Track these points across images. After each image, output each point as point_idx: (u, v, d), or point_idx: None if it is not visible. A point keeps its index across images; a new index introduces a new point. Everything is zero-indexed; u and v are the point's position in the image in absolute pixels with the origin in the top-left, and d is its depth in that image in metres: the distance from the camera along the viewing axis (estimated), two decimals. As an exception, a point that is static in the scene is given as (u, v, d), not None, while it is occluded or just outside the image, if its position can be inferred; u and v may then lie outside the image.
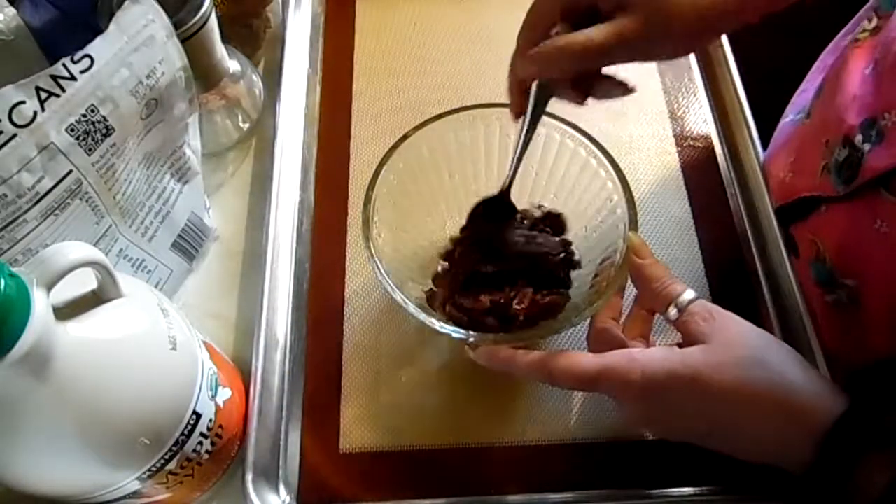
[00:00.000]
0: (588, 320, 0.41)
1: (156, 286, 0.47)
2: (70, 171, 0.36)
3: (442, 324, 0.40)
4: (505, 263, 0.46)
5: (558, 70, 0.38)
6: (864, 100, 0.40)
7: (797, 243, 0.47)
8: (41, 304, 0.28)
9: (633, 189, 0.43)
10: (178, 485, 0.37)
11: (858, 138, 0.40)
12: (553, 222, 0.47)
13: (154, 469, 0.34)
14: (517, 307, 0.43)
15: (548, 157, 0.47)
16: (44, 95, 0.34)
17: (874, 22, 0.43)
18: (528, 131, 0.42)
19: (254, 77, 0.56)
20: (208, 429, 0.37)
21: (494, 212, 0.46)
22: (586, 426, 0.44)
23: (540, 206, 0.48)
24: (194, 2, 0.45)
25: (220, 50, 0.50)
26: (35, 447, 0.31)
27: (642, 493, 0.42)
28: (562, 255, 0.45)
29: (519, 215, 0.47)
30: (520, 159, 0.44)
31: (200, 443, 0.37)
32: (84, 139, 0.36)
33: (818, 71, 0.54)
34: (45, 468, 0.31)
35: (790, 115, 0.53)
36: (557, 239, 0.46)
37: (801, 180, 0.46)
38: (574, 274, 0.46)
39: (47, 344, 0.28)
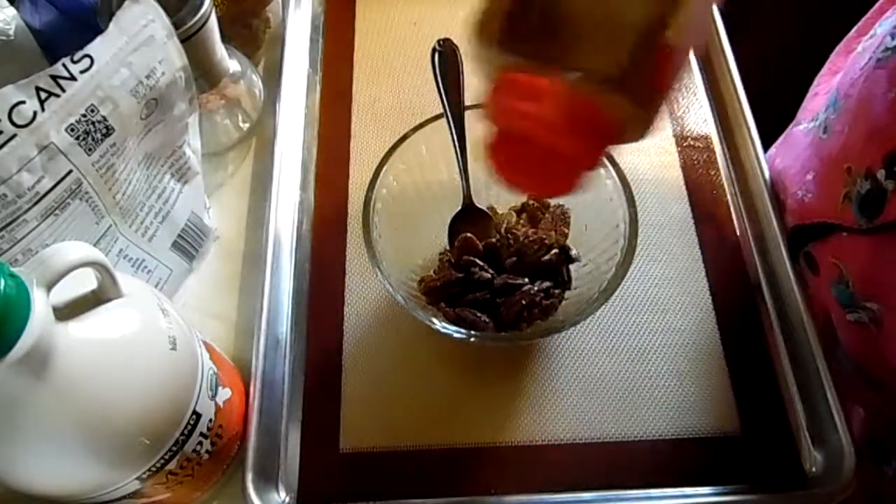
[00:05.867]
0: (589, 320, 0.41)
1: (156, 286, 0.47)
2: (70, 171, 0.36)
3: (442, 324, 0.40)
4: (500, 267, 0.46)
5: None
6: (888, 131, 0.39)
7: (817, 263, 0.47)
8: (41, 304, 0.28)
9: (633, 189, 0.43)
10: (178, 485, 0.37)
11: (881, 173, 0.38)
12: (531, 216, 0.47)
13: (154, 469, 0.34)
14: (515, 308, 0.43)
15: (548, 156, 0.47)
16: (44, 95, 0.34)
17: None
18: (458, 137, 0.44)
19: (254, 77, 0.56)
20: (208, 429, 0.37)
21: (471, 222, 0.47)
22: (586, 426, 0.44)
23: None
24: (194, 2, 0.45)
25: (220, 50, 0.50)
26: (35, 447, 0.31)
27: (642, 493, 0.42)
28: (553, 249, 0.45)
29: (497, 222, 0.48)
30: (465, 166, 0.46)
31: (200, 443, 0.37)
32: (84, 139, 0.36)
33: (829, 73, 0.53)
34: (44, 468, 0.31)
35: (803, 123, 0.52)
36: (543, 235, 0.46)
37: (820, 203, 0.45)
38: (574, 273, 0.46)
39: (47, 344, 0.28)
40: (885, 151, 0.38)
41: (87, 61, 0.36)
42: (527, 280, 0.44)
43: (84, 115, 0.36)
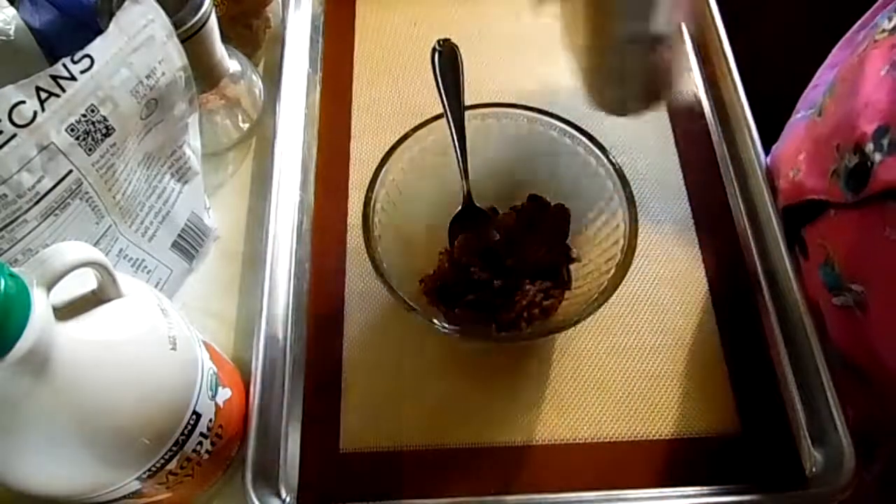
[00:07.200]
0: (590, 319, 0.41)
1: (156, 286, 0.47)
2: (70, 171, 0.36)
3: (442, 324, 0.40)
4: (500, 267, 0.46)
5: None
6: (878, 105, 0.39)
7: (807, 246, 0.47)
8: (41, 304, 0.28)
9: (633, 189, 0.43)
10: (178, 485, 0.37)
11: (869, 147, 0.39)
12: (531, 216, 0.47)
13: (154, 469, 0.34)
14: (516, 309, 0.43)
15: (547, 156, 0.47)
16: (44, 95, 0.34)
17: (894, 21, 0.42)
18: (458, 138, 0.44)
19: (254, 77, 0.56)
20: (208, 429, 0.37)
21: (471, 222, 0.47)
22: (587, 426, 0.45)
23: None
24: (194, 2, 0.45)
25: (220, 50, 0.50)
26: (35, 447, 0.31)
27: (642, 493, 0.42)
28: (552, 249, 0.45)
29: (494, 220, 0.48)
30: (465, 166, 0.45)
31: (200, 443, 0.37)
32: (84, 139, 0.36)
33: (829, 66, 0.53)
34: (45, 468, 0.31)
35: (801, 112, 0.52)
36: (543, 235, 0.46)
37: (809, 181, 0.46)
38: (574, 273, 0.46)
39: (47, 344, 0.28)
40: (876, 125, 0.38)
41: (87, 61, 0.35)
42: (527, 280, 0.44)
43: (84, 115, 0.36)
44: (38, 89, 0.34)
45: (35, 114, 0.34)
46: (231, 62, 0.52)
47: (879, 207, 0.39)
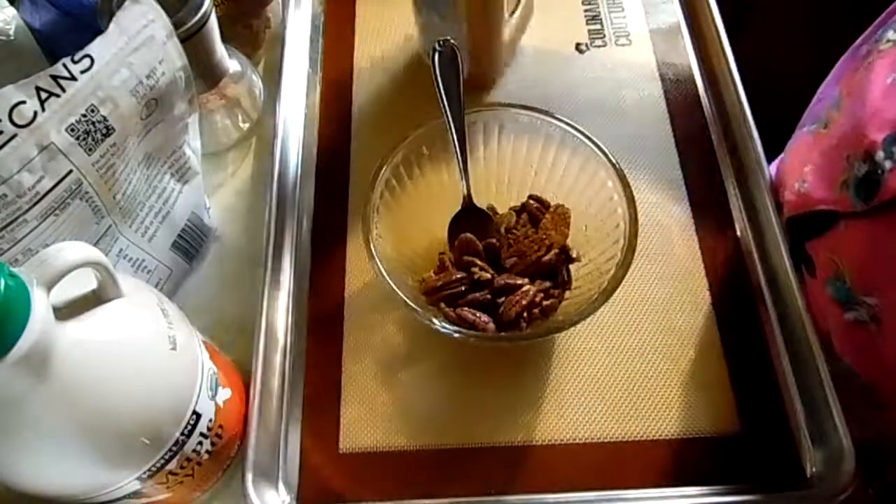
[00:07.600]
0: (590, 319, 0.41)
1: (156, 286, 0.47)
2: (70, 171, 0.36)
3: (442, 324, 0.40)
4: (500, 267, 0.46)
5: None
6: (887, 114, 0.39)
7: (814, 261, 0.46)
8: (41, 304, 0.28)
9: (633, 189, 0.43)
10: (178, 485, 0.37)
11: (880, 155, 0.38)
12: (531, 216, 0.47)
13: (154, 469, 0.34)
14: (516, 309, 0.43)
15: (547, 156, 0.47)
16: (44, 95, 0.34)
17: None
18: (458, 138, 0.44)
19: (254, 77, 0.56)
20: (208, 429, 0.37)
21: (471, 222, 0.47)
22: (586, 426, 0.45)
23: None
24: (194, 2, 0.45)
25: (220, 50, 0.50)
26: (35, 447, 0.31)
27: (642, 493, 0.42)
28: (553, 249, 0.45)
29: (497, 222, 0.48)
30: (465, 166, 0.45)
31: (200, 443, 0.37)
32: (84, 139, 0.36)
33: (834, 81, 0.53)
34: (44, 468, 0.31)
35: (807, 126, 0.52)
36: (543, 235, 0.46)
37: (817, 192, 0.45)
38: (574, 273, 0.46)
39: (47, 344, 0.28)
40: (885, 133, 0.38)
41: (87, 61, 0.35)
42: (527, 280, 0.44)
43: (84, 115, 0.36)
44: (38, 89, 0.34)
45: (35, 114, 0.34)
46: (231, 62, 0.52)
47: (891, 215, 0.39)
